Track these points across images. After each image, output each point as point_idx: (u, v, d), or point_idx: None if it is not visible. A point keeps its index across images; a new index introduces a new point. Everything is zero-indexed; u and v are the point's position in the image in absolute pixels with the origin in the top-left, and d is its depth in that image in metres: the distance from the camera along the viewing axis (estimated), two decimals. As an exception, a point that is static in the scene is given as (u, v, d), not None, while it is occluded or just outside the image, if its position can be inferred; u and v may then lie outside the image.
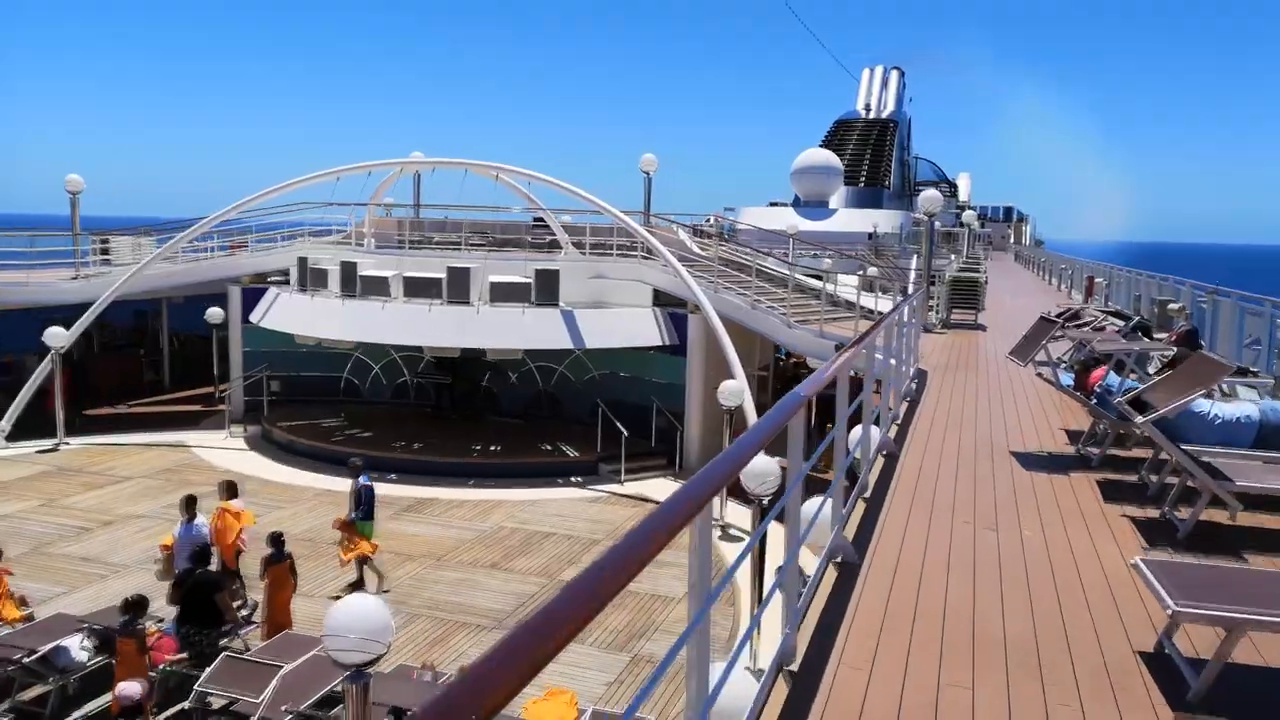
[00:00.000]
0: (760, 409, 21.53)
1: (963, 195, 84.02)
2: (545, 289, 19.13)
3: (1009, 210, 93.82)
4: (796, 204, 62.02)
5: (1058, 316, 12.05)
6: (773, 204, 63.09)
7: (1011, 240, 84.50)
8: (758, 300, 17.97)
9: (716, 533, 15.26)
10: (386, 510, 16.46)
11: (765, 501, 10.61)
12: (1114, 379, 7.15)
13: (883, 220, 53.15)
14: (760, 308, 17.86)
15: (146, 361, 26.89)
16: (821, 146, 67.21)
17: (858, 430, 6.72)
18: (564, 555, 14.46)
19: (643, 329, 19.70)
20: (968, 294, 17.96)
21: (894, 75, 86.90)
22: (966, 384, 11.33)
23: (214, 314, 23.70)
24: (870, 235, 51.25)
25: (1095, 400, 7.29)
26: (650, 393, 20.29)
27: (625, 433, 18.57)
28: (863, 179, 70.63)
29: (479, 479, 18.44)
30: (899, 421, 8.78)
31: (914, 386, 10.68)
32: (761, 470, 10.50)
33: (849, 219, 56.04)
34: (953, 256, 40.42)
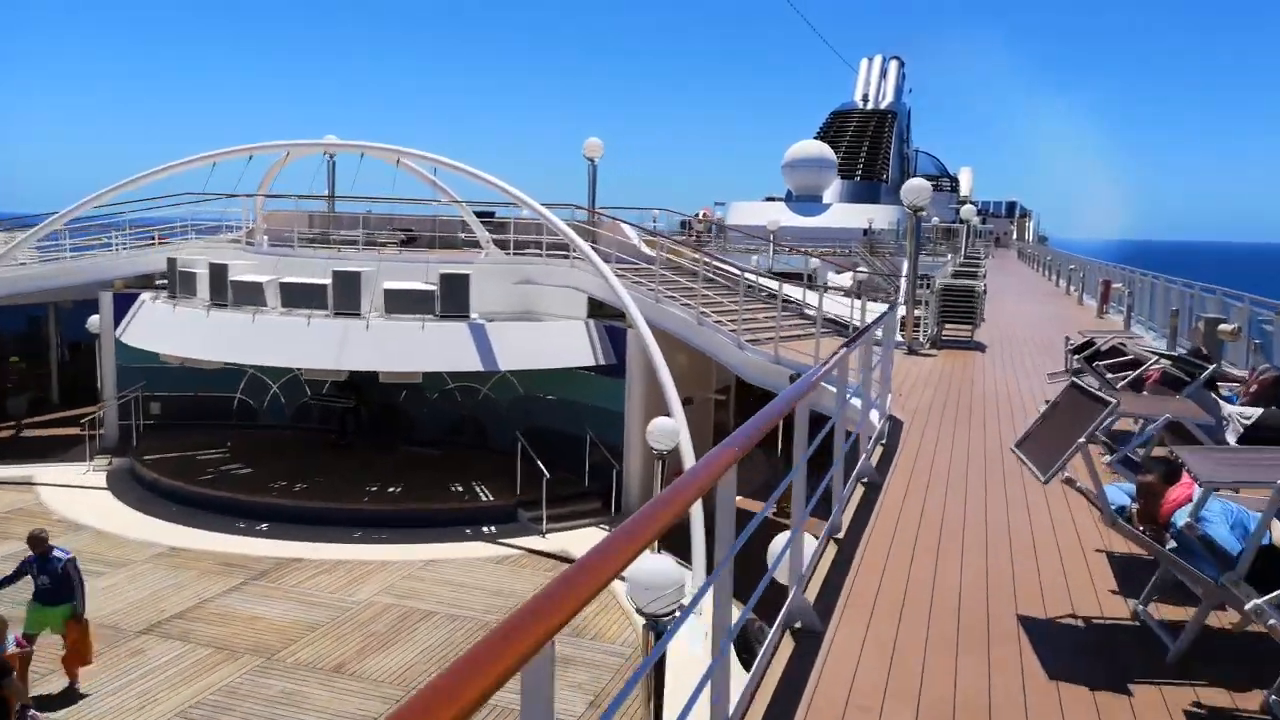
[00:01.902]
0: (719, 435, 18.26)
1: (964, 190, 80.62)
2: (452, 297, 15.83)
3: (1011, 205, 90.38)
4: (789, 199, 58.82)
5: (1080, 349, 8.77)
6: (769, 199, 59.84)
7: (1014, 237, 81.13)
8: (704, 313, 14.66)
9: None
10: (234, 578, 13.22)
11: (660, 620, 7.38)
12: (1216, 513, 3.84)
13: (879, 216, 49.79)
14: (708, 323, 14.56)
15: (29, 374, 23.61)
16: (817, 138, 64.06)
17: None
18: (436, 650, 11.17)
19: (572, 345, 16.40)
20: (963, 305, 14.66)
21: (893, 65, 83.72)
22: (955, 448, 8.01)
23: (95, 323, 20.48)
24: (865, 232, 48.02)
25: (1174, 544, 4.01)
26: (583, 421, 17.01)
27: (547, 474, 15.29)
28: (859, 172, 67.42)
29: (368, 530, 15.16)
30: (841, 536, 5.49)
31: (876, 460, 7.38)
32: (657, 578, 7.25)
33: (843, 214, 52.76)
34: (950, 255, 37.13)
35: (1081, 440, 4.03)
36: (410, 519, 15.45)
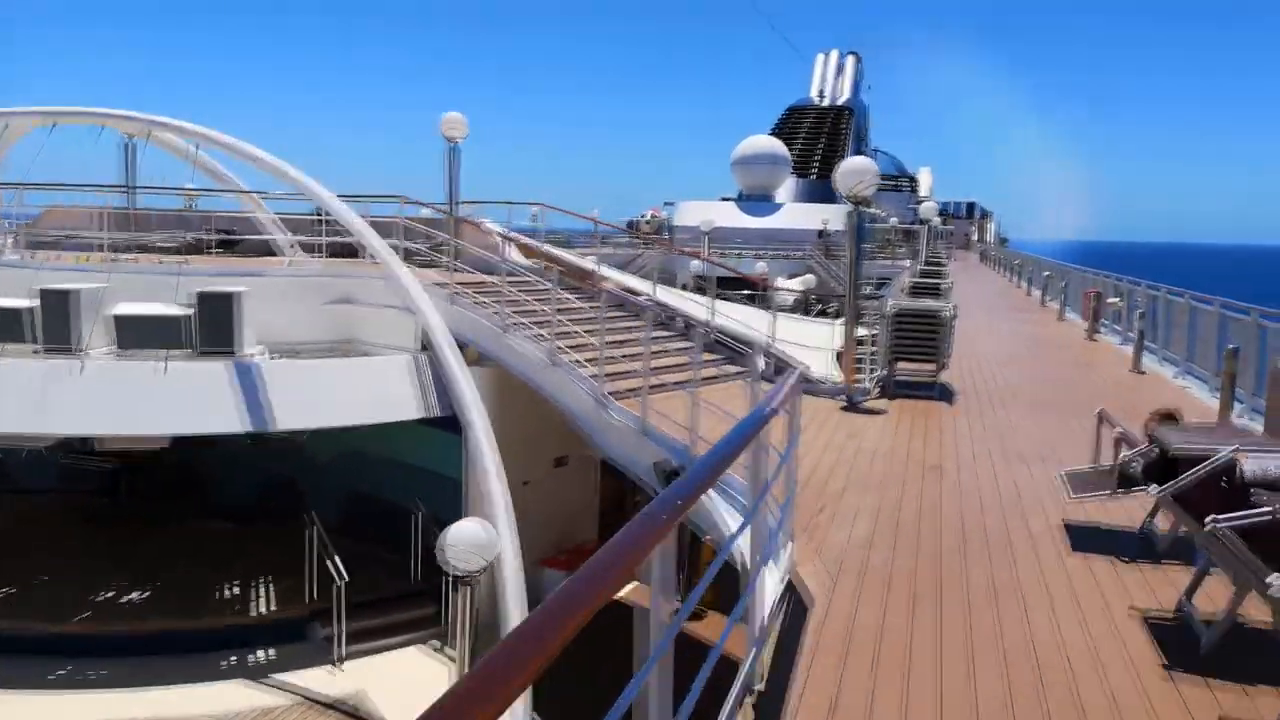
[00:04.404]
0: (607, 508, 13.90)
1: (923, 191, 77.41)
2: (214, 327, 11.21)
3: (971, 206, 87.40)
4: (740, 198, 54.72)
5: (1155, 465, 4.47)
6: (724, 199, 55.74)
7: (975, 238, 77.96)
8: (560, 349, 10.22)
9: None
10: None
11: None
12: None
13: (834, 216, 45.69)
14: (564, 363, 10.12)
15: None
16: (771, 135, 60.09)
17: None
18: None
19: (391, 391, 11.84)
20: (923, 337, 10.40)
21: (850, 60, 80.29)
22: (917, 681, 3.64)
23: None
24: (820, 233, 44.04)
25: None
26: (415, 490, 12.53)
27: (343, 578, 10.77)
28: (815, 171, 63.58)
29: (81, 662, 10.54)
30: None
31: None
32: None
33: (797, 215, 48.73)
34: (910, 261, 33.16)
35: None
36: (146, 644, 10.83)
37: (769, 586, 4.53)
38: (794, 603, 4.64)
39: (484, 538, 8.08)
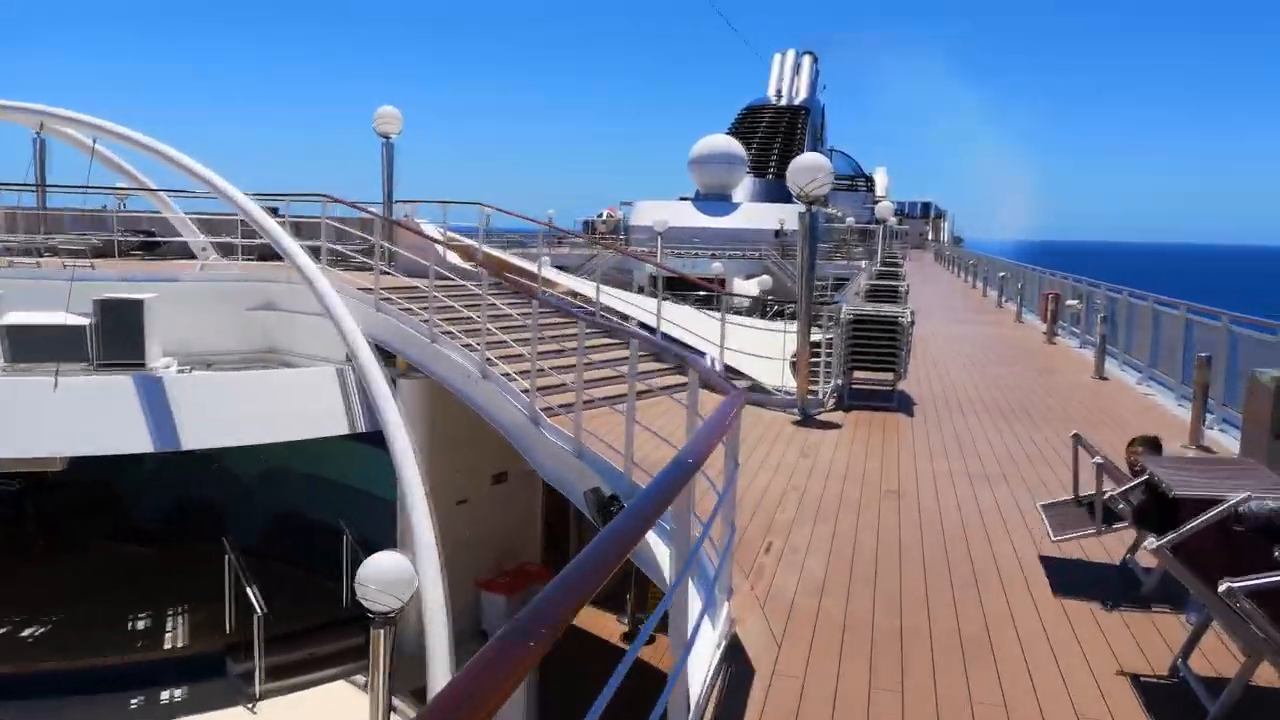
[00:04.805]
0: (552, 526, 13.19)
1: (880, 191, 77.64)
2: (116, 337, 10.29)
3: (926, 206, 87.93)
4: (697, 198, 54.19)
5: (1149, 511, 3.88)
6: (682, 199, 55.18)
7: (929, 238, 78.42)
8: (491, 360, 9.48)
9: None
10: None
11: None
12: None
13: (791, 216, 45.36)
14: (495, 375, 9.38)
15: None
16: (729, 134, 59.66)
17: None
18: None
19: (317, 406, 10.99)
20: (881, 344, 9.82)
21: (806, 60, 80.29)
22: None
23: None
24: (777, 233, 43.67)
25: None
26: (343, 511, 11.70)
27: (262, 611, 9.93)
28: (772, 170, 63.32)
29: (-33, 707, 9.60)
30: None
31: None
32: None
33: (753, 214, 48.34)
34: (865, 262, 32.85)
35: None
36: (44, 684, 9.89)
37: (703, 653, 3.87)
38: (735, 668, 3.98)
39: (399, 574, 7.29)
